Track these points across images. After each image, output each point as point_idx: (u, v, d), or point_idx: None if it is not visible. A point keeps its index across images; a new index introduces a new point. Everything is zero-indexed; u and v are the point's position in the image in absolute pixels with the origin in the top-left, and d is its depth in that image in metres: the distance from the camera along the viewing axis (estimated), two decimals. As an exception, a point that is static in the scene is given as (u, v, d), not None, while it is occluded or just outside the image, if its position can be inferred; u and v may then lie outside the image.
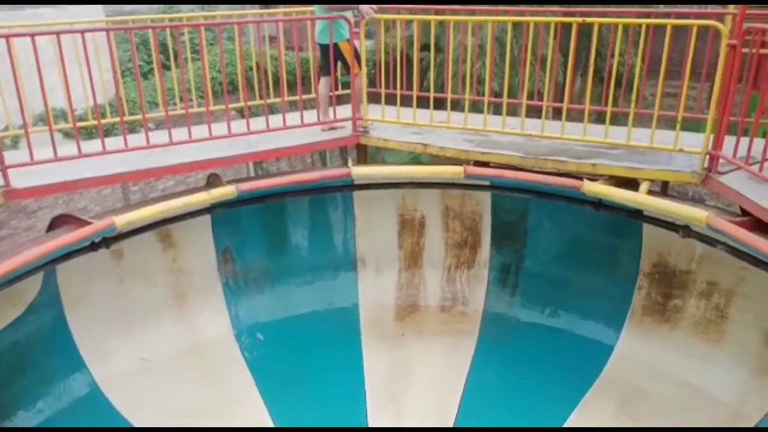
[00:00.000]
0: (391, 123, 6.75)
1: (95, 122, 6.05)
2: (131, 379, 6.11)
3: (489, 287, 7.17)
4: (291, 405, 6.40)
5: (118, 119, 6.94)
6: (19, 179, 5.48)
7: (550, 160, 5.79)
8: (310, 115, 7.02)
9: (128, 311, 6.35)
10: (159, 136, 6.27)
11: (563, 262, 6.80)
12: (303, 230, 7.29)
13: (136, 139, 6.14)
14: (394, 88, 6.89)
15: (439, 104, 7.22)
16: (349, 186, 6.78)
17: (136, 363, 6.26)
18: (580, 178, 5.59)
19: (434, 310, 7.29)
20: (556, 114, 6.80)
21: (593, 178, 5.62)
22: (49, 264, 5.33)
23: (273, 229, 7.16)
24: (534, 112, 6.90)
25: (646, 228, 6.14)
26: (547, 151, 5.94)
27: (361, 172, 6.38)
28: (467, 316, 7.15)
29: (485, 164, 6.07)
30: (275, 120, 6.45)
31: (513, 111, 7.27)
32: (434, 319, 7.23)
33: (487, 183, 6.52)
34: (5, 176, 5.50)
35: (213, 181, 6.38)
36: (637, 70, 6.44)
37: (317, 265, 7.30)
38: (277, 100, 7.04)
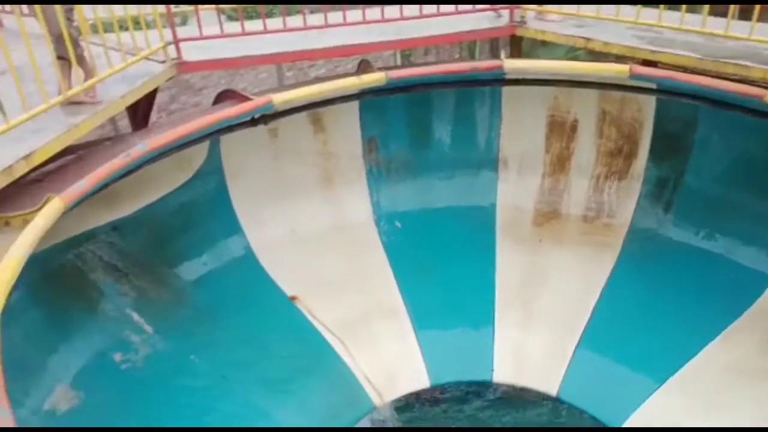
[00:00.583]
0: (550, 12, 6.27)
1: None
2: (281, 247, 6.64)
3: (640, 201, 6.74)
4: (421, 290, 6.68)
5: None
6: (189, 53, 5.97)
7: (732, 64, 5.16)
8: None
9: (281, 186, 6.79)
10: (315, 19, 6.39)
11: (729, 181, 6.18)
12: (447, 125, 7.19)
13: (293, 21, 6.32)
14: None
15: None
16: (499, 80, 6.52)
17: (286, 233, 6.77)
18: (766, 87, 4.94)
19: (576, 219, 7.03)
20: (743, 13, 5.95)
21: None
22: (214, 134, 5.79)
23: (417, 121, 7.14)
24: (718, 9, 6.09)
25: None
26: (730, 54, 5.29)
27: (513, 65, 6.09)
28: (611, 229, 6.84)
29: (654, 64, 5.55)
30: (428, 7, 6.27)
31: (692, 8, 6.46)
32: (575, 228, 6.99)
33: (653, 86, 5.95)
34: (177, 49, 5.99)
35: (364, 68, 6.46)
36: None
37: (458, 161, 7.25)
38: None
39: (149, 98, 6.79)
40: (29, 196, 4.44)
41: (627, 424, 5.67)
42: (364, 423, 5.83)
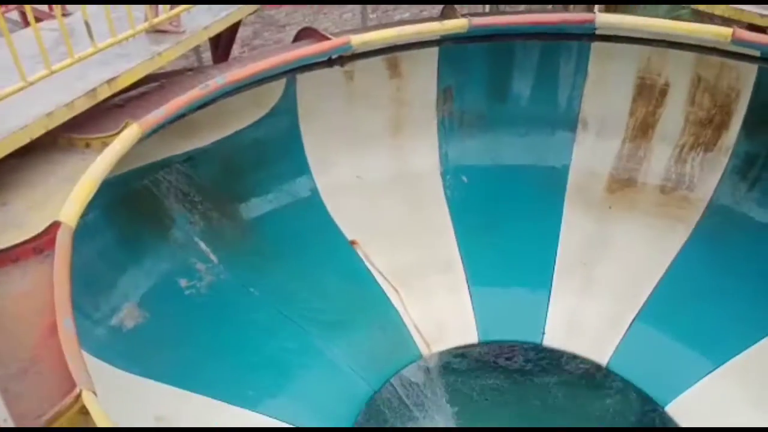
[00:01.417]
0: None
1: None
2: (346, 192, 6.71)
3: (725, 176, 6.33)
4: (480, 246, 6.62)
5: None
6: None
7: None
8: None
9: (351, 130, 6.80)
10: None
11: (827, 164, 5.71)
12: (527, 79, 6.91)
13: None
14: None
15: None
16: (589, 35, 6.17)
17: (352, 179, 6.82)
18: None
19: (652, 188, 6.71)
20: None
21: None
22: (291, 72, 5.81)
23: (497, 73, 6.90)
24: None
25: None
26: None
27: (607, 19, 5.72)
28: (689, 202, 6.49)
29: (762, 30, 5.07)
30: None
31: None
32: (650, 198, 6.68)
33: (757, 53, 5.47)
34: (262, -18, 5.98)
35: (447, 13, 6.26)
36: None
37: (535, 118, 6.98)
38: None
39: (232, 31, 6.88)
40: (111, 120, 4.64)
41: (674, 404, 5.53)
42: (411, 370, 5.95)
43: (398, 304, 6.37)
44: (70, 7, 5.67)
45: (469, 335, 6.30)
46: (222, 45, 7.01)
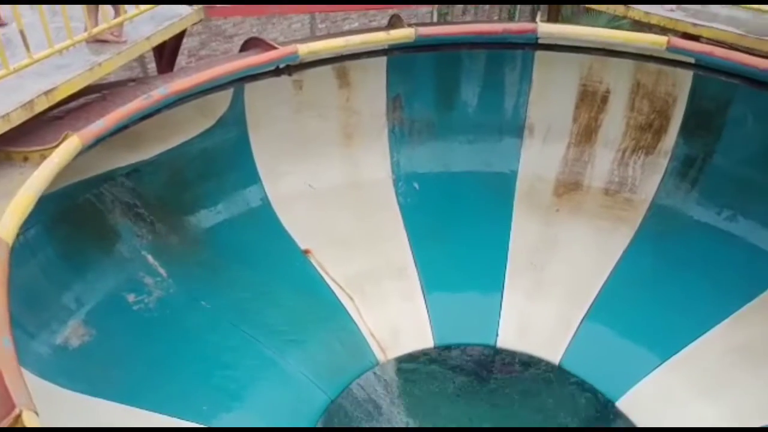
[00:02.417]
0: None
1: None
2: (298, 201, 6.68)
3: (665, 178, 6.59)
4: (433, 252, 6.68)
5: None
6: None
7: (776, 42, 4.93)
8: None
9: (302, 139, 6.78)
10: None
11: (759, 163, 5.98)
12: (474, 87, 7.05)
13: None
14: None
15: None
16: (532, 44, 6.34)
17: (303, 187, 6.80)
18: (809, 68, 4.73)
19: (597, 191, 6.91)
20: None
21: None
22: (238, 82, 5.77)
23: (445, 81, 7.01)
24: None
25: None
26: (774, 31, 5.05)
27: (548, 29, 5.90)
28: (632, 204, 6.71)
29: (695, 38, 5.32)
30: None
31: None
32: (595, 201, 6.87)
33: (691, 60, 5.72)
34: (207, -8, 5.93)
35: (394, 23, 6.34)
36: None
37: (482, 125, 7.12)
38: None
39: (176, 41, 6.79)
40: (49, 132, 4.52)
41: (625, 398, 5.67)
42: (367, 377, 5.94)
43: (353, 311, 6.36)
44: (5, 17, 5.50)
45: (425, 340, 6.33)
46: (166, 55, 6.90)
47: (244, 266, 6.04)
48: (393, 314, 6.41)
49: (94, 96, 5.26)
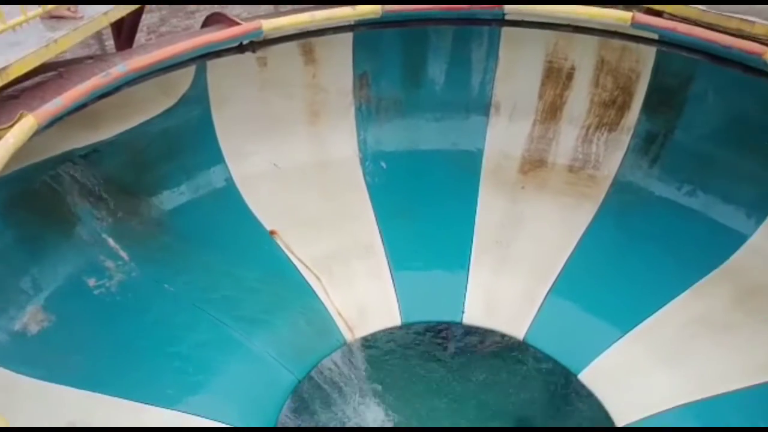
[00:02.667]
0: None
1: None
2: (263, 181, 6.61)
3: (627, 154, 6.68)
4: (400, 231, 6.70)
5: None
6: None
7: (736, 18, 4.98)
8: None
9: (266, 119, 6.68)
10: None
11: (718, 139, 6.11)
12: (442, 64, 7.01)
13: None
14: None
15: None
16: (498, 20, 6.31)
17: (268, 167, 6.72)
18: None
19: (561, 168, 6.98)
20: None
21: (782, 46, 4.81)
22: (200, 59, 5.63)
23: (411, 59, 6.96)
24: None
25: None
26: (735, 8, 5.10)
27: (515, 6, 5.86)
28: (595, 180, 6.80)
29: (659, 14, 5.35)
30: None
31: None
32: (559, 177, 6.95)
33: (654, 36, 5.77)
34: (165, -34, 5.74)
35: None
36: None
37: (449, 103, 7.11)
38: None
39: (135, 17, 6.59)
40: (3, 112, 4.35)
41: (587, 371, 5.80)
42: (335, 357, 5.95)
43: (320, 291, 6.34)
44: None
45: (392, 318, 6.36)
46: (125, 32, 6.69)
47: (208, 248, 5.97)
48: (360, 293, 6.41)
49: (50, 74, 5.07)
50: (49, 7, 4.95)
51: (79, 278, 5.18)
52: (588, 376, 5.77)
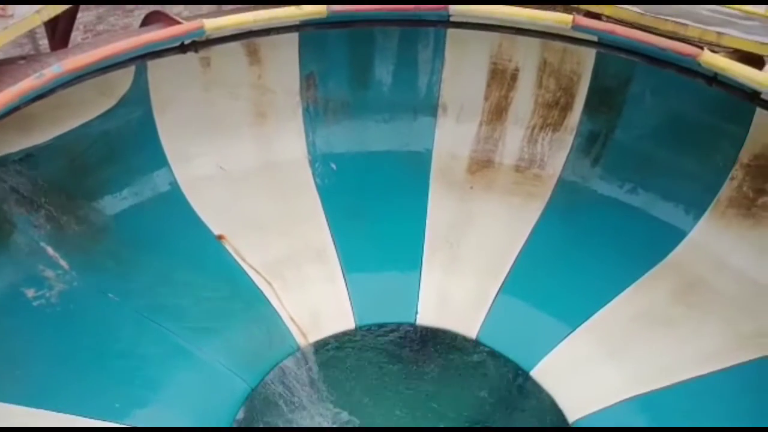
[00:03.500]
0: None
1: None
2: (209, 184, 6.46)
3: (571, 154, 6.87)
4: (352, 233, 6.66)
5: None
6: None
7: (671, 21, 5.20)
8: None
9: (211, 120, 6.53)
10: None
11: (657, 138, 6.37)
12: (388, 65, 7.03)
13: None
14: None
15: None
16: (444, 21, 6.37)
17: (214, 170, 6.57)
18: (701, 47, 5.02)
19: (508, 168, 7.10)
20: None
21: (714, 49, 5.04)
22: (140, 59, 5.43)
23: (358, 59, 6.94)
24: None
25: (759, 114, 5.61)
26: (670, 11, 5.34)
27: (459, 7, 5.94)
28: (541, 180, 6.96)
29: (597, 16, 5.52)
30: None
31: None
32: (506, 177, 7.07)
33: (594, 38, 5.95)
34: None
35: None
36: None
37: (397, 104, 7.13)
38: None
39: (70, 16, 6.32)
40: (-73, 116, 4.09)
41: (539, 367, 5.91)
42: (288, 363, 5.86)
43: (272, 297, 6.23)
44: None
45: (346, 321, 6.32)
46: (60, 31, 6.40)
47: (153, 254, 5.78)
48: (313, 297, 6.34)
49: (-23, 75, 4.80)
50: (-24, 4, 4.69)
51: (17, 289, 4.95)
52: (539, 373, 5.88)
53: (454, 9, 5.90)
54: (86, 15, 10.03)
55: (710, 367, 5.45)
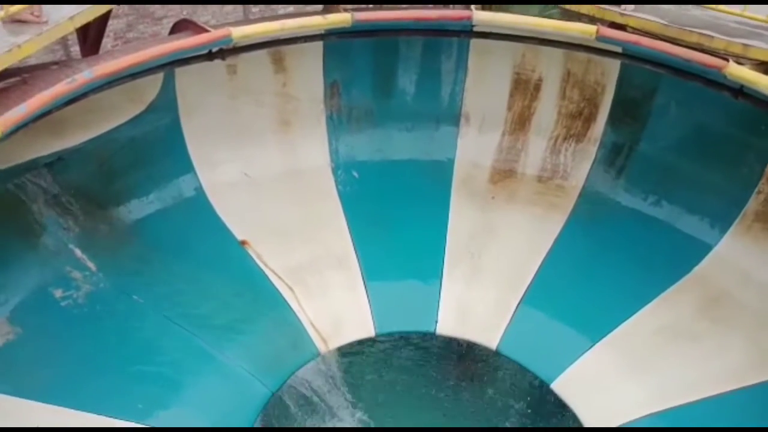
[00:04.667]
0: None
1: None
2: (233, 190, 6.53)
3: (594, 165, 6.83)
4: (373, 241, 6.69)
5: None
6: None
7: (696, 33, 5.17)
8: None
9: (236, 127, 6.62)
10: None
11: (682, 150, 6.31)
12: (412, 75, 7.07)
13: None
14: None
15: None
16: (467, 32, 6.39)
17: (239, 176, 6.64)
18: (726, 59, 4.97)
19: (530, 179, 7.09)
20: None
21: (740, 61, 4.99)
22: (169, 66, 5.53)
23: (382, 68, 7.00)
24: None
25: (788, 128, 5.53)
26: (695, 23, 5.31)
27: (483, 16, 5.95)
28: (564, 191, 6.93)
29: (622, 27, 5.50)
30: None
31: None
32: (528, 188, 7.06)
33: (618, 49, 5.93)
34: (133, -29, 5.64)
35: (330, 9, 6.24)
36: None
37: (420, 113, 7.16)
38: None
39: (101, 22, 6.45)
40: (-35, 119, 4.20)
41: (559, 380, 5.86)
42: (308, 369, 5.87)
43: (293, 302, 6.27)
44: None
45: (366, 329, 6.33)
46: (91, 37, 6.54)
47: (178, 258, 5.86)
48: (334, 304, 6.37)
49: (13, 80, 4.92)
50: (12, 9, 4.82)
51: (45, 290, 5.03)
52: (560, 385, 5.83)
53: (478, 18, 5.92)
54: (116, 23, 10.26)
55: (734, 384, 5.36)
